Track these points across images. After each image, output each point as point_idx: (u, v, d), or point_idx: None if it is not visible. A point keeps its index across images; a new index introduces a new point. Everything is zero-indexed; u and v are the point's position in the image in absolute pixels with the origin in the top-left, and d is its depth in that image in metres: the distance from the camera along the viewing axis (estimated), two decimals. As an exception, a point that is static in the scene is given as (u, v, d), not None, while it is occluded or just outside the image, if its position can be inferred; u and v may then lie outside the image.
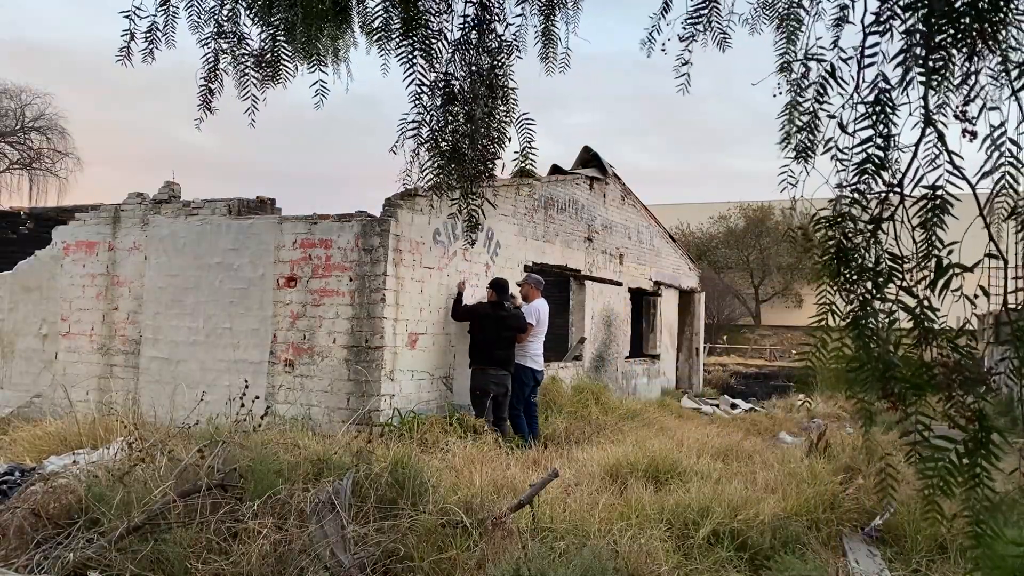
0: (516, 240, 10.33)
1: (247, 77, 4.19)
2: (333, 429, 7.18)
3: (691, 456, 7.02)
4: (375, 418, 7.59)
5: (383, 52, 4.05)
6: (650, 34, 3.78)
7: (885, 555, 5.17)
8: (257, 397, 6.95)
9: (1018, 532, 2.57)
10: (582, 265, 12.29)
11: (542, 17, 4.18)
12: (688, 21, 3.46)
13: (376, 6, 3.95)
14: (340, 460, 4.98)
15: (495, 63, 3.95)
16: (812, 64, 2.60)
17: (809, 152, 2.64)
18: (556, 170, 12.22)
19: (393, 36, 3.81)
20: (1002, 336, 2.12)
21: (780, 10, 3.42)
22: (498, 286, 8.62)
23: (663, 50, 3.77)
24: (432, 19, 3.76)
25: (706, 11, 3.48)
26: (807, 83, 2.62)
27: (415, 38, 3.68)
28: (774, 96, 2.95)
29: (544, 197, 11.13)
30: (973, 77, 2.12)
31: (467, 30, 3.88)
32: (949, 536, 4.99)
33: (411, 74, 3.68)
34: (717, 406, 15.05)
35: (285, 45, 4.11)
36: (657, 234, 15.78)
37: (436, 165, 3.96)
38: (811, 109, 2.56)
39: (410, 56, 3.68)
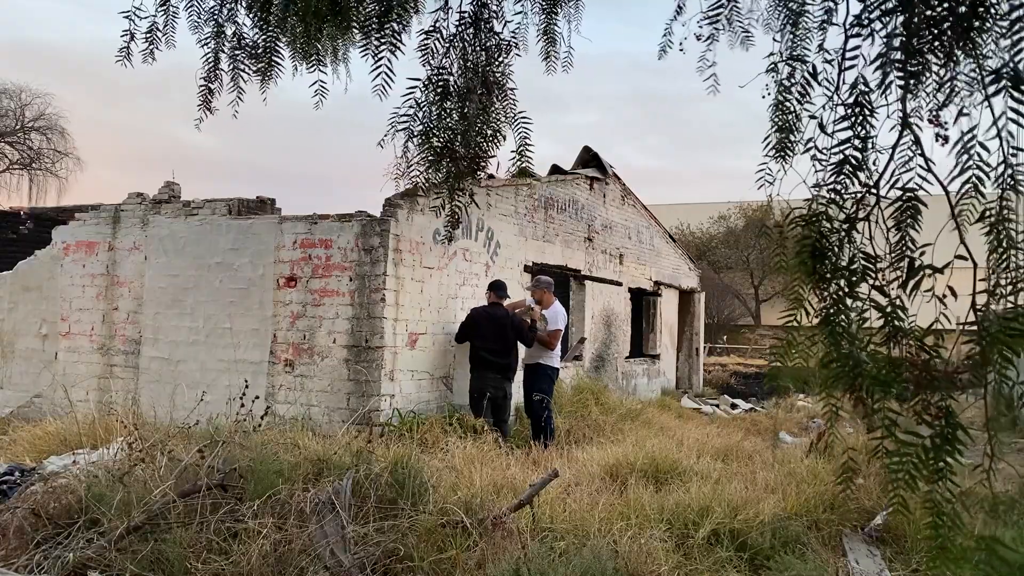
0: (516, 240, 10.33)
1: (239, 71, 4.19)
2: (333, 429, 7.18)
3: (691, 456, 7.01)
4: (375, 418, 7.59)
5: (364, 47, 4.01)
6: (668, 40, 3.78)
7: (885, 555, 5.17)
8: (257, 397, 6.95)
9: (1017, 532, 2.57)
10: (582, 265, 12.29)
11: (543, 15, 4.16)
12: (706, 21, 3.45)
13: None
14: (340, 460, 4.99)
15: (491, 60, 3.93)
16: (797, 65, 2.64)
17: (788, 151, 2.67)
18: (556, 170, 12.21)
19: (375, 30, 3.77)
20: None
21: (792, 8, 3.41)
22: (495, 287, 8.64)
23: (681, 50, 3.76)
24: (407, 13, 3.72)
25: (724, 9, 3.46)
26: (791, 83, 2.65)
27: (387, 32, 3.64)
28: (762, 97, 2.98)
29: (544, 197, 11.13)
30: (949, 83, 2.15)
31: (463, 27, 3.86)
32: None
33: (378, 68, 3.64)
34: (717, 406, 15.04)
35: (283, 45, 4.11)
36: (657, 234, 15.78)
37: (425, 161, 3.93)
38: (793, 109, 2.60)
39: (376, 51, 3.65)
